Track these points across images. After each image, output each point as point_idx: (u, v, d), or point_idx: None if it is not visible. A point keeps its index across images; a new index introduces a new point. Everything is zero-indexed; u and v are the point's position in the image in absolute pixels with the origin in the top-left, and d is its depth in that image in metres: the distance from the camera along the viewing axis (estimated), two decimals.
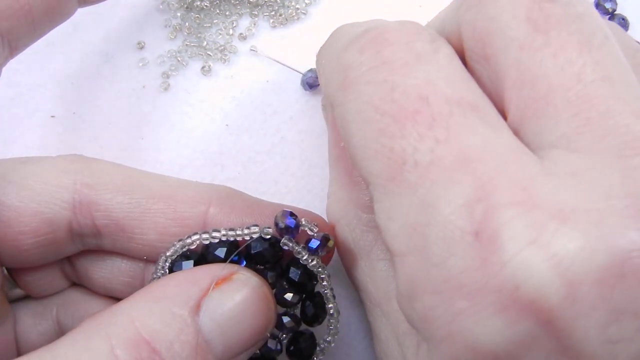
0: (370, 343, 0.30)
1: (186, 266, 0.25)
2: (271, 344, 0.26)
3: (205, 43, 0.35)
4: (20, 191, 0.25)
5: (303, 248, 0.25)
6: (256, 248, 0.25)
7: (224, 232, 0.24)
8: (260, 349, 0.25)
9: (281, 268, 0.26)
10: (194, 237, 0.25)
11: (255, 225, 0.25)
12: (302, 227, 0.25)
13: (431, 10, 0.36)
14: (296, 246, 0.24)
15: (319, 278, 0.25)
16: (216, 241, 0.25)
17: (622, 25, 0.35)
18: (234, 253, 0.25)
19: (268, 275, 0.25)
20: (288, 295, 0.25)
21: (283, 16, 0.35)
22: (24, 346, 0.27)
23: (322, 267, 0.25)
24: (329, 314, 0.26)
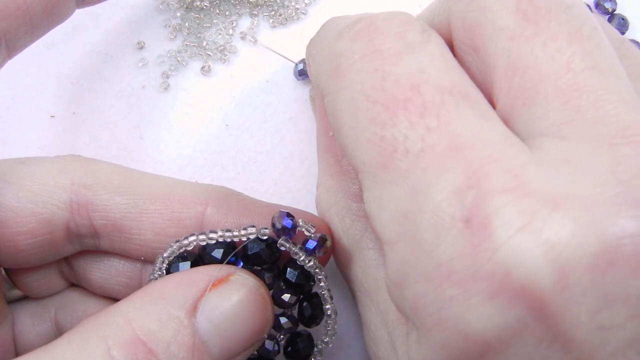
0: None
1: (183, 267, 0.25)
2: (269, 345, 0.25)
3: (205, 43, 0.35)
4: (17, 192, 0.25)
5: (300, 249, 0.24)
6: (253, 249, 0.25)
7: (221, 233, 0.24)
8: (257, 350, 0.25)
9: (278, 269, 0.26)
10: (191, 238, 0.25)
11: (252, 226, 0.25)
12: (300, 228, 0.25)
13: None
14: (293, 247, 0.24)
15: (317, 279, 0.25)
16: (213, 242, 0.24)
17: (622, 25, 0.34)
18: (231, 254, 0.24)
19: (265, 276, 0.25)
20: (285, 296, 0.25)
21: (283, 16, 0.35)
22: (22, 347, 0.27)
23: (320, 268, 0.25)
24: (327, 315, 0.26)
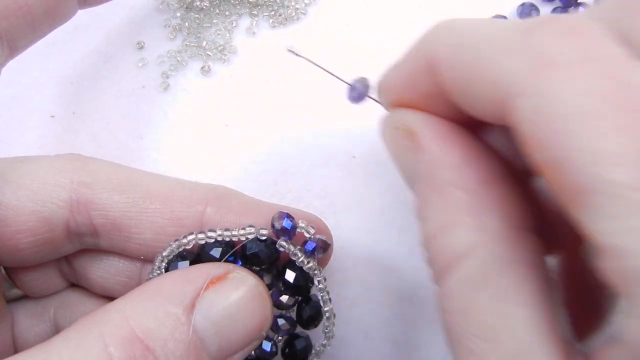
0: (368, 343, 0.30)
1: (182, 266, 0.25)
2: (266, 346, 0.25)
3: (204, 43, 0.35)
4: (17, 190, 0.25)
5: (299, 250, 0.24)
6: (252, 249, 0.24)
7: (220, 232, 0.24)
8: (255, 351, 0.25)
9: (277, 270, 0.26)
10: (190, 237, 0.25)
11: (251, 225, 0.25)
12: (299, 229, 0.25)
13: (430, 10, 0.35)
14: (292, 248, 0.24)
15: (315, 281, 0.25)
16: (212, 241, 0.24)
17: None
18: (229, 253, 0.24)
19: (264, 277, 0.25)
20: (284, 297, 0.25)
21: (283, 16, 0.35)
22: (22, 347, 0.27)
23: (319, 270, 0.25)
24: (325, 317, 0.26)
